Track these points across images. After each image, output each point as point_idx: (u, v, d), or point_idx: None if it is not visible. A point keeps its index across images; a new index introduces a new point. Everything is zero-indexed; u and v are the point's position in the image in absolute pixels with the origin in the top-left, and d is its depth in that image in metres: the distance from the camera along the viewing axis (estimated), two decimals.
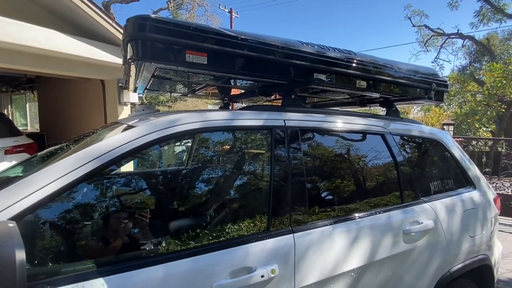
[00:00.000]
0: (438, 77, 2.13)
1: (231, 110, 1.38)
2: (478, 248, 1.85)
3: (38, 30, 3.42)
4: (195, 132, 1.20)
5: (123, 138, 1.06)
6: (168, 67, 1.30)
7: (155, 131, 1.11)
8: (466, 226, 1.82)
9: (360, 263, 1.35)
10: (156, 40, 1.18)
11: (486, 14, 15.25)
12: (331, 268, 1.26)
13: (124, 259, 0.96)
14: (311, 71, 1.51)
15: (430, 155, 2.04)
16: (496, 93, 11.62)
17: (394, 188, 1.68)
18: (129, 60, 1.22)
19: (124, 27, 1.19)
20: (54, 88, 5.92)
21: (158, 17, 1.20)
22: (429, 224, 1.61)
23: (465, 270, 1.75)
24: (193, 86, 2.03)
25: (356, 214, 1.44)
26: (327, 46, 1.66)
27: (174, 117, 1.18)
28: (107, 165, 0.99)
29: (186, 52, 1.23)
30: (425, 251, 1.58)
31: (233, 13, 17.79)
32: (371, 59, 1.76)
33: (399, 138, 1.79)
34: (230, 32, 1.31)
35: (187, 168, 2.07)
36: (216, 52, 1.28)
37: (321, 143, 1.58)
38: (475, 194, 2.01)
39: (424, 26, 16.21)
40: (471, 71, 14.60)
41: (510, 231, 5.10)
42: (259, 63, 1.40)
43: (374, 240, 1.41)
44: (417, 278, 1.56)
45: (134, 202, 1.15)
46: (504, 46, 18.35)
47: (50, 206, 0.90)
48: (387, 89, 1.84)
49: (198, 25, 1.26)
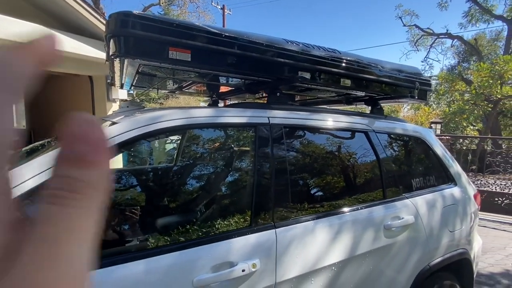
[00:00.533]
0: (421, 76, 2.18)
1: (215, 107, 1.39)
2: (457, 243, 1.91)
3: (23, 24, 3.35)
4: (179, 129, 1.21)
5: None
6: (151, 63, 1.30)
7: (137, 128, 1.11)
8: (446, 221, 1.87)
9: (342, 257, 1.38)
10: (138, 37, 1.18)
11: (474, 14, 15.55)
12: (313, 262, 1.29)
13: (103, 255, 0.96)
14: (295, 69, 1.53)
15: (413, 153, 2.09)
16: (483, 93, 11.89)
17: (376, 184, 1.72)
18: (112, 56, 1.22)
19: (107, 22, 1.19)
20: (41, 84, 5.80)
21: (141, 13, 1.20)
22: (410, 220, 1.65)
23: (444, 263, 1.80)
24: (180, 83, 2.03)
25: (339, 209, 1.47)
26: (312, 44, 1.68)
27: (157, 114, 1.18)
28: None
29: (169, 49, 1.23)
30: (405, 245, 1.63)
31: (225, 10, 17.68)
32: (355, 58, 1.79)
33: (382, 135, 1.83)
34: (214, 29, 1.32)
35: (170, 165, 2.07)
36: (200, 49, 1.29)
37: (305, 140, 1.61)
38: (456, 190, 2.07)
39: (415, 26, 16.43)
40: (459, 70, 14.89)
41: (492, 227, 5.25)
42: (243, 61, 1.41)
43: (355, 235, 1.44)
44: (398, 271, 1.60)
45: (115, 199, 1.15)
46: (491, 47, 18.74)
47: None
48: (371, 87, 1.88)
49: (181, 22, 1.26)
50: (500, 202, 5.90)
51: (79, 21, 4.27)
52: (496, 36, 18.21)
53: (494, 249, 4.24)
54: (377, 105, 2.11)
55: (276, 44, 1.48)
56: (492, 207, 5.92)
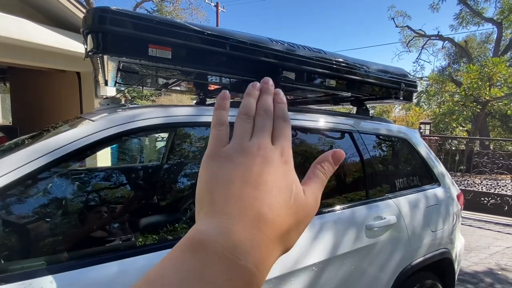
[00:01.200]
0: (407, 77, 2.20)
1: (196, 106, 1.37)
2: (439, 242, 1.94)
3: (8, 18, 3.27)
4: (157, 128, 1.19)
5: (78, 133, 1.04)
6: (131, 60, 1.27)
7: (113, 126, 1.09)
8: (429, 221, 1.89)
9: (323, 257, 1.38)
10: (116, 33, 1.15)
11: (465, 17, 15.79)
12: (293, 262, 1.28)
13: (75, 257, 0.94)
14: (279, 69, 1.52)
15: (397, 153, 2.11)
16: (472, 94, 12.10)
17: (359, 184, 1.72)
18: (89, 52, 1.19)
19: (84, 18, 1.16)
20: (28, 80, 5.69)
21: (119, 9, 1.17)
22: (392, 220, 1.67)
23: (426, 263, 1.83)
24: (166, 80, 2.00)
25: (320, 210, 1.47)
26: (298, 44, 1.67)
27: (135, 112, 1.16)
28: (58, 161, 0.97)
29: (149, 46, 1.21)
30: (387, 245, 1.64)
31: (219, 7, 17.58)
32: (340, 58, 1.79)
33: (366, 136, 1.84)
34: (196, 26, 1.30)
35: (146, 165, 2.04)
36: (181, 47, 1.27)
37: None
38: (439, 190, 2.09)
39: (407, 27, 16.61)
40: (449, 72, 15.11)
41: (478, 226, 5.36)
42: (226, 59, 1.40)
43: (337, 235, 1.45)
44: (379, 271, 1.61)
45: (87, 199, 1.13)
46: (481, 49, 19.09)
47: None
48: (356, 88, 1.88)
49: (162, 19, 1.24)
50: (486, 202, 6.02)
51: (66, 15, 4.19)
52: (486, 38, 18.56)
53: (478, 248, 4.33)
54: (362, 106, 2.12)
55: (260, 43, 1.47)
56: (478, 207, 6.04)
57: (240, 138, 0.29)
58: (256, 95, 0.32)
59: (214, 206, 0.25)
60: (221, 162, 0.27)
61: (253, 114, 0.31)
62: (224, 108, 0.32)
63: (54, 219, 0.99)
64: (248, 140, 0.29)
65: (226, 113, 0.31)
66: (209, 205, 0.25)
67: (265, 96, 0.32)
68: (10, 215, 0.91)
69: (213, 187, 0.26)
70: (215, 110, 0.32)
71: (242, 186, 0.25)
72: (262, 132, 0.29)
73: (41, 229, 0.95)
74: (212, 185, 0.26)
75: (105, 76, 1.77)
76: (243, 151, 0.28)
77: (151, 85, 2.18)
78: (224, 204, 0.25)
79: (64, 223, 1.02)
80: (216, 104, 0.32)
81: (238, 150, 0.28)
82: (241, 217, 0.24)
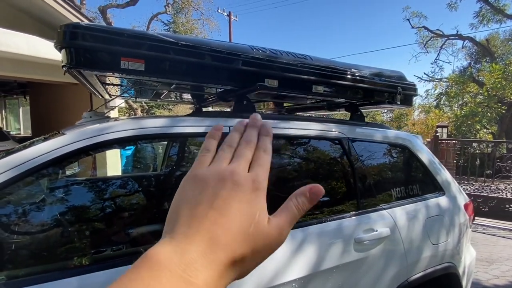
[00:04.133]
0: (405, 80, 2.10)
1: (172, 117, 1.36)
2: (442, 256, 1.80)
3: (19, 36, 3.45)
4: (128, 140, 1.19)
5: (47, 147, 1.05)
6: (104, 74, 1.29)
7: (82, 139, 1.09)
8: (429, 233, 1.77)
9: (304, 273, 1.31)
10: (88, 48, 1.17)
11: (486, 15, 15.12)
12: (269, 279, 1.23)
13: (34, 273, 0.94)
14: (259, 77, 1.49)
15: (394, 160, 2.00)
16: (495, 94, 11.50)
17: (349, 195, 1.64)
18: (63, 67, 1.21)
19: (56, 34, 1.18)
20: (45, 93, 5.98)
21: (90, 25, 1.19)
22: (384, 232, 1.57)
23: (426, 279, 1.70)
24: (154, 91, 2.02)
25: (303, 222, 1.41)
26: (281, 51, 1.64)
27: (105, 125, 1.17)
28: (24, 175, 0.98)
29: (121, 59, 1.21)
30: (379, 260, 1.54)
31: (231, 16, 17.85)
32: (328, 64, 1.73)
33: (358, 143, 1.76)
34: (169, 37, 1.30)
35: (110, 178, 2.03)
36: (154, 59, 1.27)
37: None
38: (443, 199, 1.96)
39: (423, 28, 16.11)
40: (470, 72, 14.45)
41: (502, 235, 5.01)
42: (203, 69, 1.38)
43: (320, 248, 1.38)
44: (371, 287, 1.51)
45: (48, 214, 1.13)
46: (506, 47, 18.16)
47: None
48: (347, 93, 1.81)
49: (133, 32, 1.25)
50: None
51: None
52: (510, 36, 17.65)
53: (501, 259, 4.03)
54: (357, 112, 2.03)
55: (238, 51, 1.45)
56: (502, 214, 5.65)
57: (218, 164, 0.31)
58: (241, 131, 0.35)
59: (177, 225, 0.27)
60: (196, 184, 0.29)
61: (235, 145, 0.33)
62: (214, 138, 0.35)
63: (22, 232, 0.99)
64: (225, 165, 0.31)
65: (215, 142, 0.34)
66: (173, 224, 0.27)
67: (249, 129, 0.35)
68: None
69: (181, 207, 0.28)
70: (206, 137, 0.35)
71: (208, 208, 0.27)
72: (239, 160, 0.31)
73: (9, 242, 0.96)
74: (181, 205, 0.29)
75: (90, 88, 1.81)
76: (217, 175, 0.30)
77: (143, 96, 2.20)
78: (186, 225, 0.27)
79: (32, 237, 1.03)
80: (208, 133, 0.35)
81: (214, 173, 0.30)
82: (196, 238, 0.26)
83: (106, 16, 10.31)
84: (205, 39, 1.38)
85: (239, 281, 1.07)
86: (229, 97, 1.70)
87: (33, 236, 1.05)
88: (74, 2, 10.11)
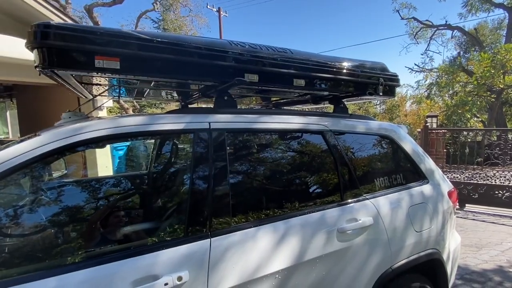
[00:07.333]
0: (387, 71, 2.11)
1: (150, 115, 1.36)
2: (426, 243, 1.84)
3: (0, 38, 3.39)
4: (104, 139, 1.18)
5: (20, 149, 1.04)
6: (79, 73, 1.27)
7: (56, 140, 1.09)
8: (413, 221, 1.80)
9: (287, 264, 1.33)
10: (60, 47, 1.15)
11: (474, 4, 15.24)
12: (252, 270, 1.24)
13: (12, 274, 0.94)
14: (238, 72, 1.49)
15: (377, 151, 2.02)
16: (485, 83, 11.62)
17: (332, 186, 1.66)
18: (36, 68, 1.20)
19: (27, 34, 1.17)
20: (32, 96, 5.88)
21: (61, 24, 1.17)
22: (367, 221, 1.59)
23: (410, 265, 1.73)
24: (136, 90, 2.00)
25: (285, 214, 1.42)
26: (260, 45, 1.64)
27: (80, 125, 1.16)
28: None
29: (95, 58, 1.20)
30: (362, 249, 1.57)
31: (221, 12, 17.71)
32: (308, 57, 1.74)
33: (340, 135, 1.77)
34: (143, 35, 1.29)
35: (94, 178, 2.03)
36: (129, 56, 1.26)
37: (251, 144, 1.56)
38: (427, 187, 1.99)
39: (413, 19, 16.18)
40: (459, 61, 14.58)
41: (492, 221, 5.11)
42: (180, 66, 1.37)
43: (303, 240, 1.39)
44: (355, 276, 1.54)
45: (22, 214, 1.13)
46: (494, 36, 18.34)
47: None
48: (328, 86, 1.82)
49: (106, 30, 1.23)
50: (501, 195, 5.72)
51: None
52: (499, 24, 17.81)
53: (490, 244, 4.11)
54: (340, 104, 2.05)
55: (216, 46, 1.44)
56: (492, 201, 5.76)
57: None
58: None
59: None
60: None
61: None
62: None
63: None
64: None
65: None
66: None
67: None
68: None
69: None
70: None
71: None
72: None
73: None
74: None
75: (74, 89, 1.79)
76: None
77: (127, 95, 2.19)
78: None
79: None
80: None
81: None
82: None
83: (93, 15, 10.13)
84: (182, 35, 1.37)
85: (222, 274, 1.09)
86: (210, 93, 1.69)
87: (10, 238, 1.05)
88: (58, 1, 9.92)
